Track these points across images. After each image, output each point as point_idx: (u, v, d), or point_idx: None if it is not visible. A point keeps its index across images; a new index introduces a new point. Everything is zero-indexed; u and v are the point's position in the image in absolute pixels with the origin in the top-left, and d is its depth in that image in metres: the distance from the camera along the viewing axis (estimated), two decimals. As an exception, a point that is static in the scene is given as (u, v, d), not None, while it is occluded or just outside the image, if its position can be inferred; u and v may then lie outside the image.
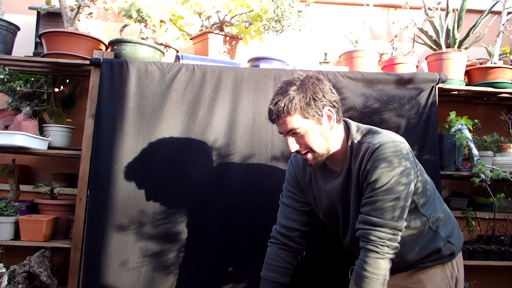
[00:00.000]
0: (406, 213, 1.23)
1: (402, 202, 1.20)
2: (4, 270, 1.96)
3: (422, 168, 1.39)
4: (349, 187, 1.32)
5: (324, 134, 1.28)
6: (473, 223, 2.27)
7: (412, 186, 1.24)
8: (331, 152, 1.32)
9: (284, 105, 1.23)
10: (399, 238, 1.21)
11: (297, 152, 1.31)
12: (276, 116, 1.25)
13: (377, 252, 1.18)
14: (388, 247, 1.19)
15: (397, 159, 1.21)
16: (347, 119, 1.40)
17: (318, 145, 1.28)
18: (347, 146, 1.32)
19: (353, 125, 1.35)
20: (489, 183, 1.99)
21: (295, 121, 1.24)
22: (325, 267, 1.85)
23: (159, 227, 1.84)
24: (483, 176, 2.00)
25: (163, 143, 1.89)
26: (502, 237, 2.26)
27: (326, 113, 1.27)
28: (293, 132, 1.27)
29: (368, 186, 1.23)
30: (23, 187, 2.24)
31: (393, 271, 1.35)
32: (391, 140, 1.23)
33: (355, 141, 1.30)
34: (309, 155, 1.30)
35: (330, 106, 1.28)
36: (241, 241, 1.86)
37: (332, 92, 1.30)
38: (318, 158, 1.30)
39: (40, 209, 2.12)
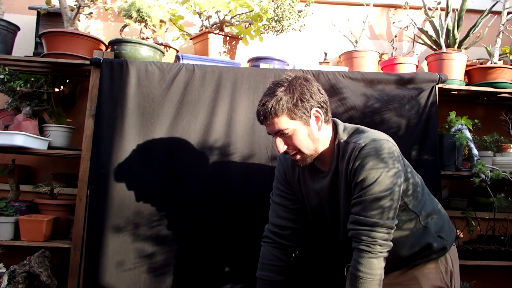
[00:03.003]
0: (396, 211, 1.23)
1: (391, 201, 1.20)
2: (4, 270, 1.96)
3: (413, 170, 1.38)
4: (337, 187, 1.32)
5: (312, 135, 1.28)
6: (473, 223, 2.27)
7: (401, 183, 1.23)
8: (319, 152, 1.32)
9: (272, 106, 1.23)
10: (391, 236, 1.21)
11: (286, 152, 1.31)
12: (264, 117, 1.26)
13: (370, 252, 1.18)
14: (380, 245, 1.19)
15: (384, 157, 1.21)
16: (335, 119, 1.40)
17: (306, 146, 1.28)
18: (335, 146, 1.32)
19: (341, 125, 1.36)
20: (489, 183, 1.99)
21: (282, 122, 1.25)
22: (321, 265, 1.85)
23: (159, 227, 1.84)
24: (483, 176, 2.00)
25: (163, 143, 1.89)
26: (502, 237, 2.26)
27: (314, 114, 1.28)
28: (280, 133, 1.27)
29: (356, 186, 1.23)
30: (23, 187, 2.23)
31: (387, 270, 1.35)
32: (377, 139, 1.23)
33: (342, 141, 1.31)
34: (298, 156, 1.31)
35: (318, 107, 1.28)
36: (241, 241, 1.86)
37: (320, 92, 1.30)
38: (307, 159, 1.31)
39: (40, 209, 2.12)
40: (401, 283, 1.37)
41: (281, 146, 1.29)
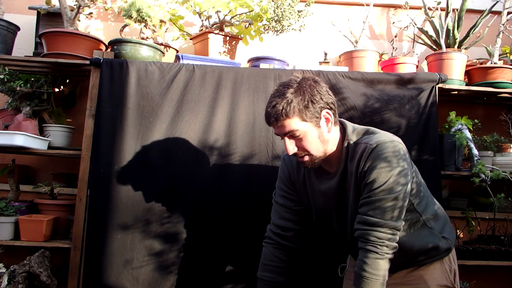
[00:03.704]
0: (403, 212, 1.23)
1: (400, 202, 1.20)
2: (4, 270, 1.96)
3: (417, 169, 1.39)
4: (345, 188, 1.32)
5: (322, 137, 1.27)
6: (473, 223, 2.27)
7: (409, 186, 1.24)
8: (327, 154, 1.31)
9: (283, 108, 1.22)
10: (397, 238, 1.21)
11: (295, 154, 1.29)
12: (275, 119, 1.24)
13: (377, 253, 1.18)
14: (387, 247, 1.19)
15: (395, 159, 1.21)
16: (343, 119, 1.40)
17: (315, 148, 1.27)
18: (343, 147, 1.32)
19: (349, 126, 1.35)
20: (489, 183, 1.99)
21: (293, 123, 1.23)
22: (316, 266, 1.85)
23: (159, 227, 1.84)
24: (483, 176, 2.00)
25: (163, 143, 1.89)
26: (502, 237, 2.26)
27: (324, 116, 1.27)
28: (290, 135, 1.26)
29: (366, 187, 1.23)
30: (23, 187, 2.23)
31: (393, 269, 1.35)
32: (388, 140, 1.23)
33: (351, 142, 1.30)
34: (307, 158, 1.29)
35: (328, 108, 1.27)
36: (242, 240, 1.86)
37: (329, 94, 1.29)
38: (315, 161, 1.30)
39: (40, 209, 2.12)
40: (408, 283, 1.37)
41: (291, 148, 1.27)
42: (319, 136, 1.27)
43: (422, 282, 1.35)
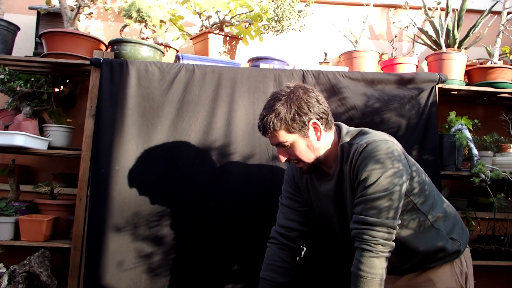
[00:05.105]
0: (399, 212, 1.23)
1: (395, 202, 1.20)
2: (4, 270, 1.96)
3: (420, 168, 1.39)
4: (343, 189, 1.34)
5: (312, 146, 1.32)
6: (473, 223, 2.27)
7: (405, 186, 1.24)
8: (321, 159, 1.35)
9: (270, 121, 1.28)
10: (394, 236, 1.21)
11: (288, 161, 1.37)
12: (263, 131, 1.32)
13: (371, 251, 1.19)
14: (382, 245, 1.19)
15: (387, 159, 1.22)
16: (340, 123, 1.42)
17: (305, 156, 1.33)
18: (338, 148, 1.34)
19: (344, 128, 1.38)
20: (489, 183, 1.99)
21: (281, 136, 1.30)
22: (328, 267, 1.85)
23: (159, 227, 1.84)
24: (483, 176, 2.00)
25: (163, 144, 1.89)
26: (502, 237, 2.26)
27: (312, 126, 1.30)
28: (281, 145, 1.32)
29: (358, 186, 1.25)
30: (23, 187, 2.23)
31: (401, 272, 1.35)
32: (379, 140, 1.25)
33: (346, 144, 1.33)
34: (300, 164, 1.37)
35: (317, 118, 1.30)
36: (242, 240, 1.86)
37: (319, 103, 1.31)
38: (310, 167, 1.36)
39: (40, 209, 2.12)
40: (416, 285, 1.37)
41: (282, 157, 1.35)
42: (308, 145, 1.32)
43: (431, 285, 1.35)
